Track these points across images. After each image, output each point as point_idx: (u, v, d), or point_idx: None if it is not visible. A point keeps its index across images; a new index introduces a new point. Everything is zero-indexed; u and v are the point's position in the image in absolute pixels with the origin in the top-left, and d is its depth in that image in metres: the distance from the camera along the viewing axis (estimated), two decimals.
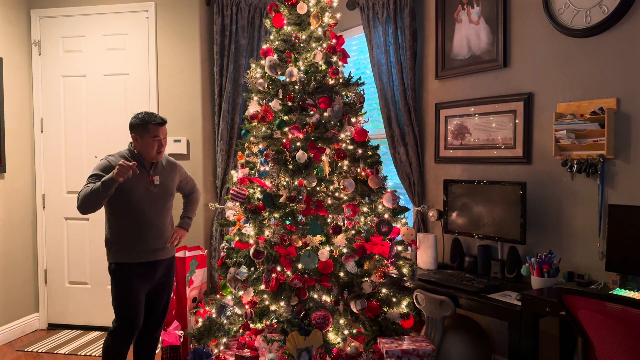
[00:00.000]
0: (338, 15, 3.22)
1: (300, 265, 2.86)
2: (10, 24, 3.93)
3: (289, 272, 2.89)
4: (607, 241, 2.45)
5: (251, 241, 3.02)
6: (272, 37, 3.18)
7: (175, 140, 3.94)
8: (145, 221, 2.71)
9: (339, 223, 2.91)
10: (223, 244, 3.30)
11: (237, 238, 3.15)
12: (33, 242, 4.15)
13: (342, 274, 2.89)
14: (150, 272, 2.76)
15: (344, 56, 3.24)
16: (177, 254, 3.65)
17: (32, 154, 4.14)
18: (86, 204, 2.57)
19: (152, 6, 3.95)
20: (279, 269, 2.88)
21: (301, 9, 3.08)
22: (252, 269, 3.00)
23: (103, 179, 2.52)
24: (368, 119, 3.24)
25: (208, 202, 4.00)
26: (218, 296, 3.28)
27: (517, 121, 2.99)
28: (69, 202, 4.10)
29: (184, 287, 3.44)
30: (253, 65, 3.21)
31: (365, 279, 2.89)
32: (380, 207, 3.09)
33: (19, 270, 4.03)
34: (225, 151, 3.93)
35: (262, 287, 2.89)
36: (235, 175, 3.25)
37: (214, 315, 3.12)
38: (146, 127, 2.67)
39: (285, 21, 3.13)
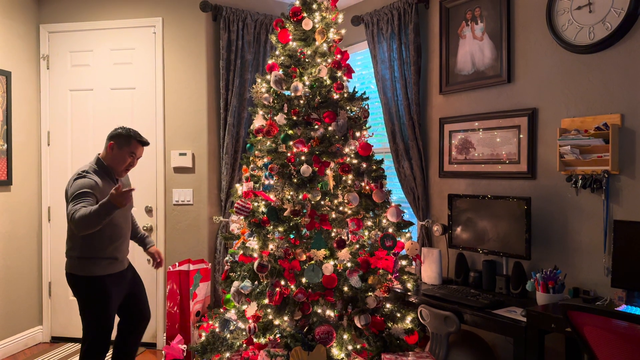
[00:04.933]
0: (343, 31, 3.25)
1: (304, 280, 2.85)
2: (20, 39, 3.99)
3: (292, 286, 2.88)
4: (613, 257, 2.44)
5: (255, 255, 3.02)
6: (277, 53, 3.21)
7: (180, 154, 3.96)
8: (122, 234, 2.80)
9: (343, 237, 2.91)
10: (227, 258, 3.30)
11: (241, 252, 3.14)
12: (38, 255, 4.17)
13: (346, 289, 2.88)
14: (122, 280, 2.86)
15: (349, 71, 3.26)
16: (181, 267, 3.65)
17: (38, 166, 4.17)
18: (86, 226, 2.44)
19: (160, 21, 4.00)
20: (282, 283, 2.88)
21: (306, 25, 3.12)
22: (256, 282, 2.99)
23: (101, 203, 2.41)
24: (372, 134, 3.25)
25: (212, 215, 4.01)
26: (222, 310, 3.27)
27: (521, 136, 2.99)
28: None
29: (187, 300, 3.44)
30: (259, 80, 3.23)
31: (370, 293, 2.87)
32: (384, 221, 3.09)
33: (23, 282, 4.04)
34: (230, 164, 3.95)
35: (266, 301, 2.88)
36: (240, 188, 3.26)
37: (217, 330, 3.11)
38: (129, 140, 2.72)
39: (290, 37, 3.16)
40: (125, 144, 2.71)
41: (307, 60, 3.16)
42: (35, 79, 4.15)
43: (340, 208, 3.02)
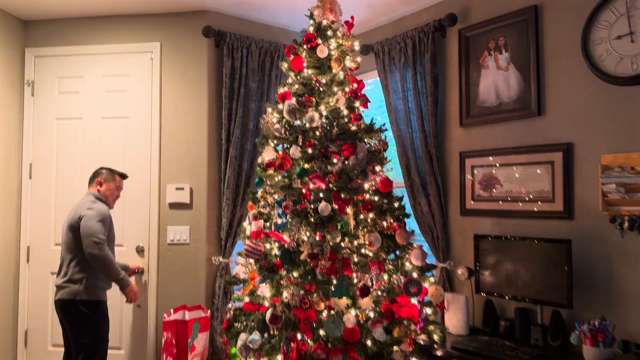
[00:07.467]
0: (359, 59, 3.05)
1: (322, 332, 2.54)
2: (3, 63, 3.67)
3: (309, 341, 2.55)
4: None
5: (266, 303, 2.69)
6: (290, 81, 2.98)
7: (177, 188, 3.64)
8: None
9: (367, 284, 2.61)
10: (230, 305, 2.97)
11: (247, 299, 2.82)
12: (14, 300, 3.74)
13: (369, 342, 2.57)
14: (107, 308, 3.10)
15: (365, 101, 3.04)
16: (177, 315, 3.30)
17: (18, 201, 3.79)
18: (101, 267, 2.91)
19: (157, 47, 3.74)
20: (299, 336, 2.55)
21: (322, 52, 2.90)
22: (266, 335, 2.66)
23: (123, 278, 2.98)
24: (391, 168, 3.01)
25: (211, 255, 3.66)
26: None
27: (555, 173, 2.78)
28: (57, 255, 3.73)
29: (185, 354, 3.07)
30: (269, 110, 2.98)
31: (395, 347, 2.57)
32: (407, 264, 2.81)
33: None
34: (231, 200, 3.64)
35: (280, 357, 2.55)
36: (248, 228, 2.95)
37: None
38: (113, 177, 3.18)
39: (304, 64, 2.94)
40: (112, 180, 3.16)
41: (322, 89, 2.93)
42: (18, 107, 3.81)
43: (362, 250, 2.74)
